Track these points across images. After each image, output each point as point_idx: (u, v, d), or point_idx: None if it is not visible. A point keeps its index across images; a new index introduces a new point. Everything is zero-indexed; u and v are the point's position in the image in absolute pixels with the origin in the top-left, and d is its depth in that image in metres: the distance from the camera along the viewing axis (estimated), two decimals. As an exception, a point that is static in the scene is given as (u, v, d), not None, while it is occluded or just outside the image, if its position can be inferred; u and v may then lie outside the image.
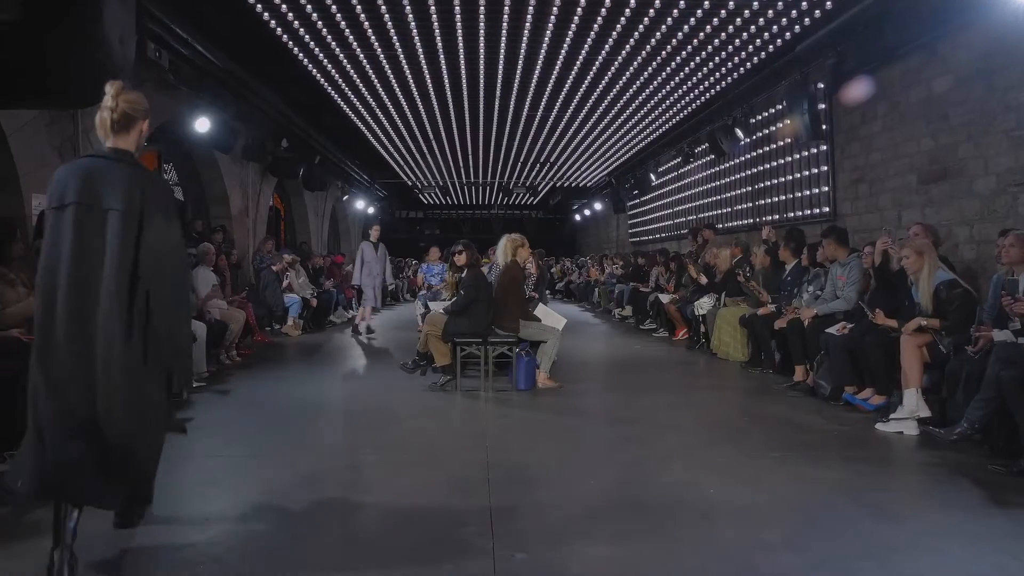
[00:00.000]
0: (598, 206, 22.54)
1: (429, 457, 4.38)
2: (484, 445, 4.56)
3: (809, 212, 9.40)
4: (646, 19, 7.83)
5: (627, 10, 7.60)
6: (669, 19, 7.81)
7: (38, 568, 2.57)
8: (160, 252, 2.64)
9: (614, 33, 8.27)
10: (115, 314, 2.55)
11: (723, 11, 7.56)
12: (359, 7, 7.53)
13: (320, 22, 7.87)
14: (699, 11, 7.58)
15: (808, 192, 9.43)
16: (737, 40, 8.43)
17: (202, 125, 9.07)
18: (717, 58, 9.09)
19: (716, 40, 8.44)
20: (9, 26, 4.22)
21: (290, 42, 8.49)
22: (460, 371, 6.52)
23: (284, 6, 7.49)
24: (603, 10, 7.61)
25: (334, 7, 7.53)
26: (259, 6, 7.51)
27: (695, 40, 8.45)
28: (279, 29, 8.04)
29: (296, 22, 7.85)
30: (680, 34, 8.26)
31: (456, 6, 7.48)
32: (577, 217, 26.54)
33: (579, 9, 7.59)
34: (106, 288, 2.56)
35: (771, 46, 8.58)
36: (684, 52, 8.90)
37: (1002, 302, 4.43)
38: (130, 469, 2.62)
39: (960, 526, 3.25)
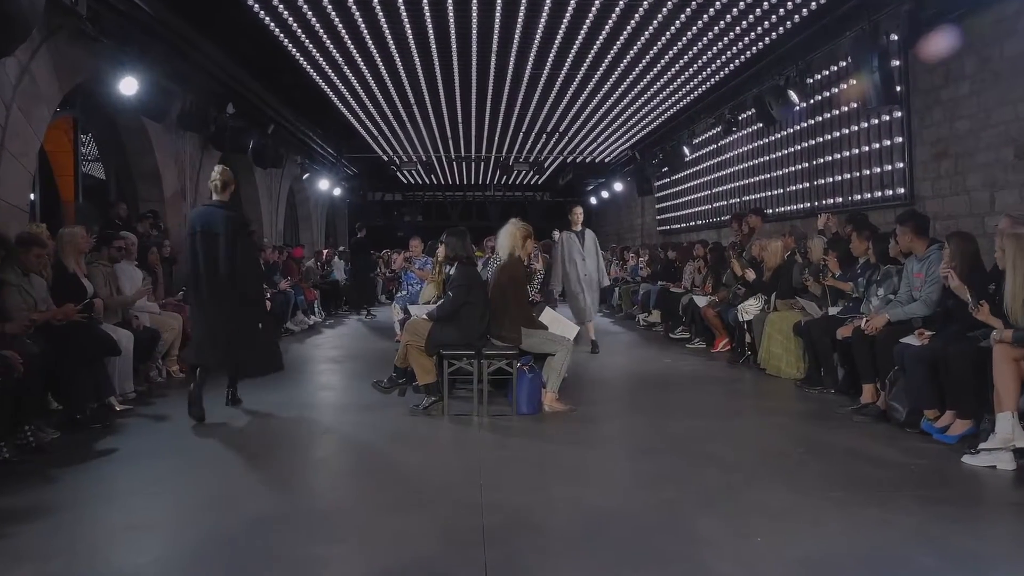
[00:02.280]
0: (618, 187, 22.54)
1: (410, 497, 4.39)
2: (478, 483, 4.58)
3: (880, 194, 9.41)
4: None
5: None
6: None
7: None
8: (246, 252, 6.35)
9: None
10: (226, 286, 6.12)
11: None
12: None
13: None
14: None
15: (879, 169, 9.44)
16: (791, -19, 8.44)
17: (128, 86, 9.05)
18: (767, 3, 9.09)
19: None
20: None
21: (237, -17, 8.49)
22: (448, 391, 6.52)
23: (230, -61, 7.49)
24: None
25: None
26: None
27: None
28: (224, -33, 8.05)
29: (245, -41, 7.86)
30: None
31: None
32: (592, 200, 26.56)
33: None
34: (222, 273, 6.09)
35: (833, -12, 8.58)
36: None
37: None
38: (238, 354, 6.35)
39: (1067, 582, 3.25)
